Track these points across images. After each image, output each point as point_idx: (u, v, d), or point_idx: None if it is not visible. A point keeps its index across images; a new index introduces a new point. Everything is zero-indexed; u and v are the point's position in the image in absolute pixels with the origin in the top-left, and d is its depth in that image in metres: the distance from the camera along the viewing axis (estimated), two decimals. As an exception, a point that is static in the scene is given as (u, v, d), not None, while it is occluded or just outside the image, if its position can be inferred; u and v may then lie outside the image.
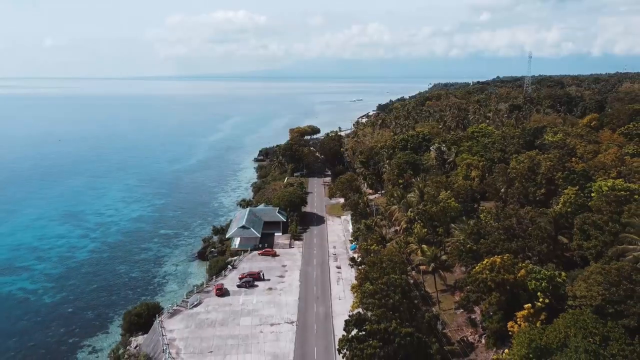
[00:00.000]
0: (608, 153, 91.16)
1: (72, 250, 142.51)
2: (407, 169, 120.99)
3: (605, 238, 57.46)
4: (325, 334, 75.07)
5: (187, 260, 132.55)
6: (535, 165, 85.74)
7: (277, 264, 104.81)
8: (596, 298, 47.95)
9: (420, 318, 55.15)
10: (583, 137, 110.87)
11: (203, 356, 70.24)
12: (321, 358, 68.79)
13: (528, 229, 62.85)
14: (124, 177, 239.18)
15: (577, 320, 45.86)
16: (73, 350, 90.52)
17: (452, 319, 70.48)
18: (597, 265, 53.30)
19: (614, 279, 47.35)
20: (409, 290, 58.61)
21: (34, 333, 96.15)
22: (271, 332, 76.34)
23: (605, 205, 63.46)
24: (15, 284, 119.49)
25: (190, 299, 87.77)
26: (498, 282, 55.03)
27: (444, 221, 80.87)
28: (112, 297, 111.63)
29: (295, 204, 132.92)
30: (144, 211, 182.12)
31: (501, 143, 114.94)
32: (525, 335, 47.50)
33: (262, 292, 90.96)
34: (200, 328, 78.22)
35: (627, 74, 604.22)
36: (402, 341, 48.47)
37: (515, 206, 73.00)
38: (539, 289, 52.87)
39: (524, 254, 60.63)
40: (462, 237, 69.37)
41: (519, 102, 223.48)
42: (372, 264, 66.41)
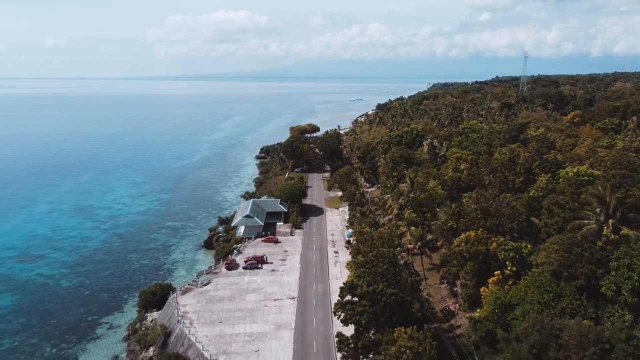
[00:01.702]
0: (582, 145, 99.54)
1: (85, 240, 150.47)
2: (401, 163, 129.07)
3: (566, 215, 65.55)
4: (324, 307, 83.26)
5: (194, 249, 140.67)
6: (515, 157, 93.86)
7: (279, 250, 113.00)
8: (553, 263, 55.90)
9: (404, 282, 63.23)
10: (563, 131, 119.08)
11: (214, 326, 78.41)
12: (319, 326, 77.04)
13: (502, 210, 70.95)
14: (130, 174, 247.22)
15: (535, 280, 53.93)
16: (92, 326, 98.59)
17: (437, 292, 78.86)
18: (555, 237, 61.47)
19: (568, 247, 55.38)
20: (396, 260, 66.85)
21: (55, 313, 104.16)
22: (274, 306, 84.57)
23: (567, 188, 71.67)
24: (33, 270, 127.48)
25: (200, 278, 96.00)
26: (472, 253, 63.24)
27: (431, 207, 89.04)
28: (125, 281, 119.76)
29: (296, 195, 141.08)
30: (151, 205, 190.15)
31: (488, 138, 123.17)
32: (493, 295, 55.65)
33: (265, 273, 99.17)
34: (210, 303, 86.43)
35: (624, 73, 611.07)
36: (387, 300, 56.63)
37: (494, 192, 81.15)
38: (507, 259, 61.03)
39: (497, 231, 68.73)
40: (444, 218, 77.76)
41: (511, 101, 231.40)
42: (364, 241, 74.66)
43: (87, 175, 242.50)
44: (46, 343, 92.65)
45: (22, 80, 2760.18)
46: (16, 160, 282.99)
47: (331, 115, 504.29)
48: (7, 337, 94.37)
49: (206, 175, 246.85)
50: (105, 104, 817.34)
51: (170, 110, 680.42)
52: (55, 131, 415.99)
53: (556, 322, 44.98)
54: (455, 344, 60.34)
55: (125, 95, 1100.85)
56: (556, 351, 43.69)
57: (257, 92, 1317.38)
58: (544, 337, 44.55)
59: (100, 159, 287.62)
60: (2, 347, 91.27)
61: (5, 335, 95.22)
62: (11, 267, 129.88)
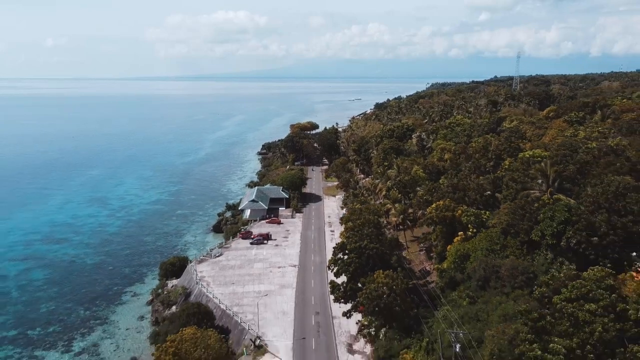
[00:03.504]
0: (548, 135, 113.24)
1: (102, 226, 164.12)
2: (391, 153, 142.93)
3: (517, 187, 79.13)
4: (320, 273, 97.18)
5: (204, 232, 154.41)
6: (488, 144, 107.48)
7: (281, 229, 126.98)
8: (502, 223, 69.43)
9: (384, 241, 76.84)
10: (534, 124, 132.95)
11: (227, 286, 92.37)
12: (317, 286, 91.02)
13: (468, 186, 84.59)
14: (139, 168, 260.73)
15: (487, 236, 67.58)
16: (118, 295, 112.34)
17: (416, 258, 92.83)
18: (506, 204, 75.18)
19: (513, 210, 68.85)
20: (379, 225, 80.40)
21: (83, 284, 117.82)
22: (278, 271, 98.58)
23: (520, 166, 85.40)
24: (59, 251, 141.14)
25: (213, 251, 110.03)
26: (441, 218, 77.03)
27: (413, 187, 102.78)
28: (144, 259, 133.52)
29: (296, 184, 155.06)
30: (161, 196, 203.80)
31: (469, 130, 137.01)
32: (454, 249, 69.35)
33: (270, 247, 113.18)
34: (223, 270, 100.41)
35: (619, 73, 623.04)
36: (370, 252, 70.24)
37: (466, 172, 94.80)
38: (469, 222, 74.71)
39: (464, 202, 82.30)
40: (421, 193, 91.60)
41: (500, 99, 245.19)
42: (353, 211, 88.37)
43: (97, 170, 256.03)
44: (79, 307, 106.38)
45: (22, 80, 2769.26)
46: (28, 157, 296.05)
47: (330, 115, 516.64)
48: (44, 303, 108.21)
49: (211, 169, 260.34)
50: (105, 104, 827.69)
51: (171, 110, 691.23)
52: (60, 130, 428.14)
53: (496, 261, 58.84)
54: (428, 291, 73.94)
55: (125, 96, 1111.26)
56: (495, 282, 57.51)
57: (257, 92, 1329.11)
58: (487, 272, 58.40)
59: (107, 156, 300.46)
60: (42, 310, 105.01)
61: (43, 301, 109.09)
62: (38, 248, 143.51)
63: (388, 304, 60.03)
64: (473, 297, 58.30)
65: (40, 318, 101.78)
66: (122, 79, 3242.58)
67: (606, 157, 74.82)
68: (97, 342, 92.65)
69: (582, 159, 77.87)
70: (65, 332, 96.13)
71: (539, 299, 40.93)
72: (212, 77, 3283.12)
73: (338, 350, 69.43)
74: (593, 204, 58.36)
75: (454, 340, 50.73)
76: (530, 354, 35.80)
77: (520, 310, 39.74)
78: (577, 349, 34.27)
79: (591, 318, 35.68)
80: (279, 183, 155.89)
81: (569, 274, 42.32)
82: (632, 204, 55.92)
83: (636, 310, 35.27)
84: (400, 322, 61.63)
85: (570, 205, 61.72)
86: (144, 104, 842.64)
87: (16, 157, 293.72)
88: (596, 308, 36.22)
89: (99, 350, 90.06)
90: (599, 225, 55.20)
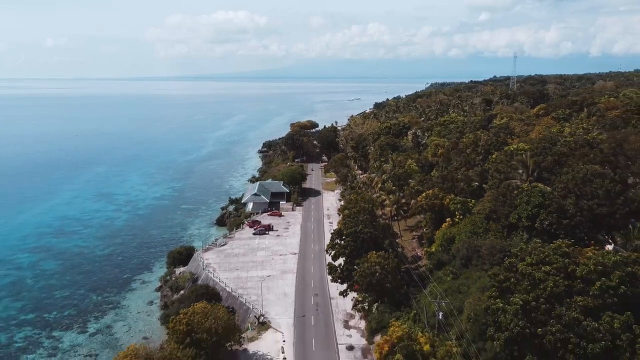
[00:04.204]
0: (535, 131, 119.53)
1: (110, 220, 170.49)
2: (388, 149, 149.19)
3: (500, 177, 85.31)
4: (319, 259, 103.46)
5: (208, 225, 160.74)
6: (477, 140, 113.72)
7: (282, 221, 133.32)
8: (486, 209, 75.65)
9: (377, 226, 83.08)
10: (523, 120, 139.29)
11: (232, 272, 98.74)
12: (316, 271, 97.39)
13: (456, 177, 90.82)
14: (142, 166, 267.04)
15: (471, 221, 73.82)
16: (128, 282, 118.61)
17: (409, 245, 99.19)
18: (490, 192, 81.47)
19: (495, 197, 75.03)
20: (373, 212, 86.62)
21: (94, 272, 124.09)
22: (280, 258, 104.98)
23: (503, 157, 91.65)
24: (70, 242, 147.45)
25: (218, 241, 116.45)
26: (430, 205, 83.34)
27: (407, 180, 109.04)
28: (151, 250, 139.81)
29: (296, 179, 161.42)
30: (165, 191, 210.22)
31: (462, 127, 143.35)
32: (441, 233, 75.59)
33: (272, 237, 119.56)
34: (228, 257, 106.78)
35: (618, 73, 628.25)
36: (365, 236, 76.51)
37: (455, 165, 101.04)
38: (456, 210, 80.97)
39: (452, 192, 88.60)
40: (413, 184, 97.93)
41: (495, 98, 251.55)
42: (349, 201, 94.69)
43: (102, 168, 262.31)
44: (92, 293, 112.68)
45: (22, 80, 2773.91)
46: (33, 155, 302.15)
47: (330, 114, 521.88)
48: (58, 289, 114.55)
49: (213, 167, 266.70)
50: (105, 104, 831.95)
51: (172, 110, 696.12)
52: (62, 130, 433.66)
53: (477, 242, 65.16)
54: (418, 273, 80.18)
55: (125, 96, 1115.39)
56: (476, 260, 63.81)
57: (257, 92, 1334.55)
58: (469, 252, 64.70)
59: (111, 154, 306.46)
60: (56, 296, 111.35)
61: (57, 288, 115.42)
62: (50, 240, 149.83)
63: (380, 281, 66.34)
64: (456, 274, 64.56)
65: (55, 303, 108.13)
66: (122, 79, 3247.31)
67: (582, 149, 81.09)
68: (110, 324, 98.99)
69: (559, 150, 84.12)
70: (80, 316, 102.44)
71: (507, 267, 47.03)
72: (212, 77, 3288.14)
73: (335, 326, 75.72)
74: (564, 190, 64.62)
75: (437, 309, 57.04)
76: (494, 307, 42.06)
77: (489, 274, 45.87)
78: (532, 302, 40.50)
79: (545, 277, 41.79)
80: (279, 178, 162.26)
81: (534, 247, 48.51)
82: (598, 188, 62.11)
83: (582, 269, 41.41)
84: (391, 297, 67.93)
85: (544, 191, 67.91)
86: (144, 104, 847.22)
87: (20, 156, 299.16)
88: (550, 269, 42.30)
89: (112, 331, 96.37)
90: (568, 208, 61.44)
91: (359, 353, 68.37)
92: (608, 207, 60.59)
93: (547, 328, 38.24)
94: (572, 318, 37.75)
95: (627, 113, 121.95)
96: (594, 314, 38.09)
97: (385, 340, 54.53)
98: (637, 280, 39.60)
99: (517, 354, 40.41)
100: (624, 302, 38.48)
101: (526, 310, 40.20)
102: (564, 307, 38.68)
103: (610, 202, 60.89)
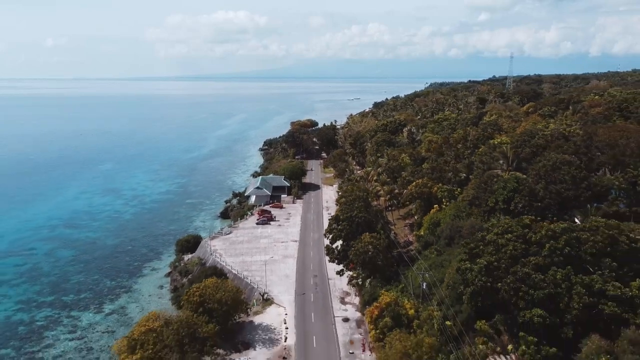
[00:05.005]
0: (520, 127, 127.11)
1: (118, 213, 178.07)
2: (384, 145, 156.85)
3: (484, 167, 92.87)
4: (318, 246, 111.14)
5: (212, 218, 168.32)
6: (467, 135, 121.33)
7: (284, 212, 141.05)
8: (469, 196, 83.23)
9: (371, 211, 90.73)
10: (511, 117, 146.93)
11: (237, 256, 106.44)
12: (315, 256, 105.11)
13: (445, 168, 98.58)
14: (147, 164, 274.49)
15: (455, 206, 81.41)
16: (138, 269, 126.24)
17: (402, 232, 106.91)
18: (473, 180, 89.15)
19: (477, 185, 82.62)
20: (367, 199, 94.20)
21: (106, 260, 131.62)
22: (282, 245, 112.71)
23: (486, 150, 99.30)
24: (81, 234, 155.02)
25: (224, 230, 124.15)
26: (420, 193, 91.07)
27: (400, 172, 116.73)
28: (159, 241, 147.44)
29: (297, 174, 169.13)
30: (170, 187, 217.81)
31: (454, 124, 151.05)
32: (429, 217, 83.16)
33: (274, 226, 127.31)
34: (233, 244, 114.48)
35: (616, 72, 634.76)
36: (359, 221, 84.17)
37: (445, 159, 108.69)
38: (443, 197, 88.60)
39: (441, 182, 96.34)
40: (405, 174, 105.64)
41: (489, 97, 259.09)
42: (345, 190, 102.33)
43: (107, 165, 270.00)
44: (105, 279, 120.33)
45: (22, 80, 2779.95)
46: (39, 153, 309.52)
47: (330, 113, 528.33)
48: (73, 275, 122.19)
49: (215, 164, 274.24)
50: (106, 104, 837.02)
51: (172, 110, 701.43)
52: (64, 129, 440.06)
53: (459, 223, 72.82)
54: (409, 255, 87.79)
55: (125, 96, 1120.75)
56: (458, 239, 71.44)
57: (257, 92, 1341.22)
58: (452, 232, 72.35)
59: (115, 152, 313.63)
60: (72, 281, 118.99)
61: (72, 273, 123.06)
62: (62, 231, 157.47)
63: (372, 259, 73.90)
64: (440, 251, 72.02)
65: (71, 287, 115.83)
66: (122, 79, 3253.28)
67: (557, 142, 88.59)
68: (124, 305, 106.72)
69: (536, 143, 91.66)
70: (95, 298, 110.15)
71: (479, 239, 54.51)
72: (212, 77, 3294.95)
73: (332, 302, 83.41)
74: (536, 176, 72.12)
75: (421, 280, 64.64)
76: (463, 267, 49.64)
77: (462, 244, 53.28)
78: (494, 262, 48.00)
79: (507, 243, 49.26)
80: (280, 173, 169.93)
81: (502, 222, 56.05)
82: (565, 174, 69.58)
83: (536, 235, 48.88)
84: (382, 273, 75.52)
85: (519, 178, 75.43)
86: (144, 104, 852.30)
87: (25, 154, 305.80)
88: (511, 237, 49.84)
89: (126, 312, 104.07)
90: (539, 192, 68.91)
91: (354, 324, 76.10)
92: (574, 191, 67.99)
93: (504, 281, 45.79)
94: (525, 273, 45.24)
95: (608, 110, 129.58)
96: (543, 270, 45.55)
97: (375, 307, 62.17)
98: (580, 243, 47.09)
99: (480, 304, 48.11)
100: (568, 261, 45.94)
101: (489, 269, 47.75)
102: (520, 265, 46.15)
103: (576, 187, 68.29)
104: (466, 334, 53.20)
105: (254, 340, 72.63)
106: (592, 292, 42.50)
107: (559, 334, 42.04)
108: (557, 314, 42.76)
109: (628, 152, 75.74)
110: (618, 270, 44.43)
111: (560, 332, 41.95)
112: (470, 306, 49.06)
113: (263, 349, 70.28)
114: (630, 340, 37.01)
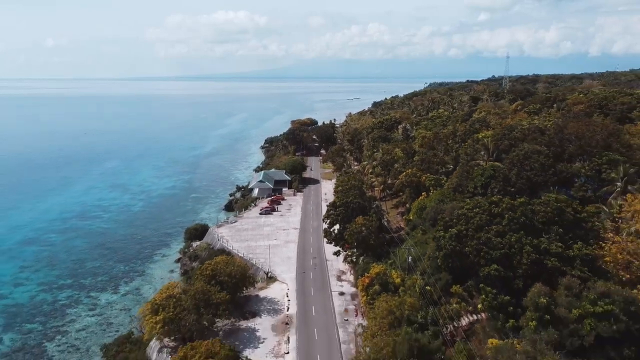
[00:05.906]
0: (506, 123, 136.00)
1: (127, 206, 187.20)
2: (380, 141, 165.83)
3: (467, 158, 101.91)
4: (317, 233, 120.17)
5: (217, 211, 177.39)
6: (456, 130, 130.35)
7: (285, 204, 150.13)
8: (453, 183, 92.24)
9: (365, 197, 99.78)
10: (499, 114, 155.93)
11: (243, 242, 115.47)
12: (315, 241, 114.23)
13: (433, 160, 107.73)
14: (151, 160, 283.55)
15: (440, 193, 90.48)
16: (149, 256, 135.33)
17: (394, 219, 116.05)
18: (457, 169, 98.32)
19: (461, 173, 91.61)
20: (362, 188, 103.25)
21: (118, 249, 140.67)
22: (283, 232, 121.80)
23: (471, 143, 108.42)
24: (93, 225, 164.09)
25: (230, 219, 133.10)
26: (409, 182, 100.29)
27: (393, 165, 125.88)
28: (167, 231, 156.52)
29: (297, 169, 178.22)
30: (175, 183, 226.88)
31: (446, 121, 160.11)
32: (417, 203, 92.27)
33: (276, 216, 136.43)
34: (239, 232, 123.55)
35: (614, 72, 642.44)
36: (354, 206, 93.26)
37: (434, 152, 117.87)
38: (430, 185, 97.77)
39: (430, 172, 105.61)
40: (397, 166, 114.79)
41: (483, 96, 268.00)
42: (342, 180, 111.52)
43: (113, 162, 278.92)
44: (119, 264, 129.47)
45: (23, 80, 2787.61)
46: (46, 151, 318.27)
47: (330, 113, 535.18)
48: (89, 262, 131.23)
49: (218, 161, 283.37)
50: (106, 104, 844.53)
51: (173, 110, 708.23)
52: (66, 129, 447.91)
53: (442, 206, 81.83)
54: (399, 238, 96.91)
55: (125, 96, 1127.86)
56: (441, 220, 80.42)
57: (257, 92, 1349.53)
58: (435, 214, 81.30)
59: (120, 150, 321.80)
60: (88, 266, 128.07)
61: (87, 260, 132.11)
62: (75, 223, 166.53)
63: (365, 238, 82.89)
64: (424, 231, 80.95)
65: (88, 272, 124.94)
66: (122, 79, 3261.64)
67: (533, 134, 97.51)
68: (138, 286, 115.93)
69: (514, 136, 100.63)
70: (111, 281, 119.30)
71: (456, 217, 63.43)
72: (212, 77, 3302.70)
73: (330, 279, 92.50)
74: (510, 164, 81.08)
75: (407, 255, 73.68)
76: (437, 235, 58.77)
77: (438, 219, 62.14)
78: (463, 231, 57.03)
79: (474, 215, 58.26)
80: (282, 168, 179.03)
81: (473, 200, 64.97)
82: (534, 162, 78.56)
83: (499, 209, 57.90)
84: (374, 251, 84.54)
85: (495, 166, 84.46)
86: (144, 103, 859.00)
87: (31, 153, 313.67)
88: (478, 211, 58.98)
89: (140, 292, 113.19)
90: (512, 177, 77.89)
91: (349, 297, 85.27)
92: (542, 177, 76.86)
93: (469, 244, 54.85)
94: (487, 238, 54.21)
95: (590, 108, 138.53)
96: (502, 235, 54.48)
97: (367, 276, 71.23)
98: (534, 213, 56.06)
99: (451, 264, 57.32)
100: (523, 228, 54.88)
101: (459, 236, 56.78)
102: (483, 232, 55.13)
103: (544, 173, 77.16)
104: (444, 297, 62.26)
105: (259, 310, 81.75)
106: (539, 250, 51.47)
107: (512, 285, 50.98)
108: (510, 269, 51.71)
109: (593, 143, 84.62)
110: (564, 235, 53.39)
111: (513, 284, 50.87)
112: (445, 268, 58.07)
113: (268, 317, 79.39)
114: (565, 286, 45.86)
